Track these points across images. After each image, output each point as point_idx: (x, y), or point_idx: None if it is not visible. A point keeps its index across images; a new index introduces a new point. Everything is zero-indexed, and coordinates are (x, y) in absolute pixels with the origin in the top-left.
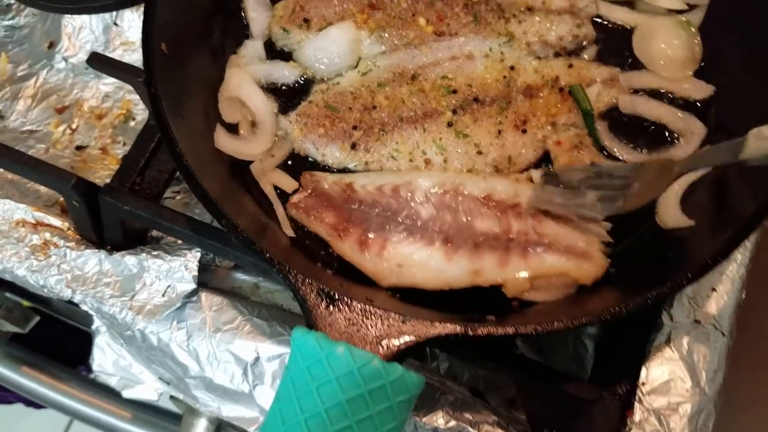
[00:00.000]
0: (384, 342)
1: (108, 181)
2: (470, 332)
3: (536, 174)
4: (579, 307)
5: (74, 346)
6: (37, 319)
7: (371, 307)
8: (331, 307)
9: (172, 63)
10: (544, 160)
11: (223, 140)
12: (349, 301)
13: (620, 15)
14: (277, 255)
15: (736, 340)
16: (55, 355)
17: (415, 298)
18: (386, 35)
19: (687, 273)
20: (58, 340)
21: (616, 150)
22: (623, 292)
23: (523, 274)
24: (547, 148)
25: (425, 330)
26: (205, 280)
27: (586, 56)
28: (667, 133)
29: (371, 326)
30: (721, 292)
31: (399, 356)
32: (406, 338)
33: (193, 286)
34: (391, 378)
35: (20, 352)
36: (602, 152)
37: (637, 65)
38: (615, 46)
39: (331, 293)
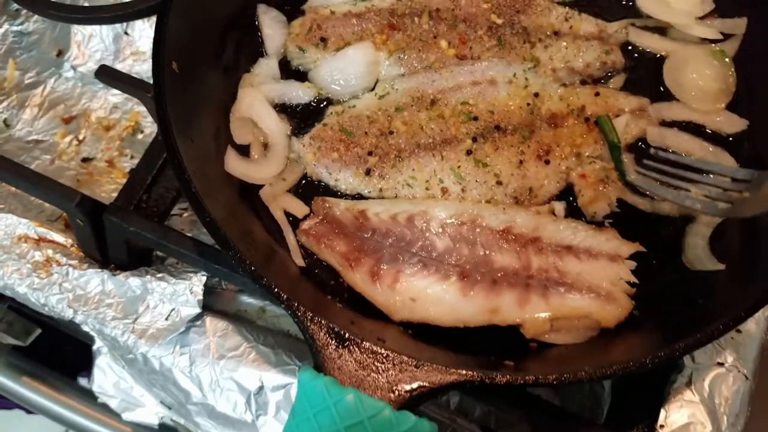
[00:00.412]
0: (396, 388)
1: (114, 195)
2: (488, 380)
3: (558, 206)
4: (602, 352)
5: (75, 354)
6: (38, 331)
7: (383, 350)
8: (341, 348)
9: (184, 81)
10: (566, 193)
11: (234, 164)
12: (359, 341)
13: (651, 42)
14: (285, 287)
15: (759, 383)
16: (56, 364)
17: (428, 335)
18: (406, 57)
19: (719, 325)
20: (59, 347)
21: (642, 185)
22: (648, 337)
23: (544, 314)
24: (571, 180)
25: (440, 376)
26: (210, 302)
27: (613, 84)
28: None
29: (383, 370)
30: (744, 333)
31: (411, 403)
32: (420, 384)
33: (198, 310)
34: (402, 428)
35: (21, 362)
36: (628, 186)
37: (667, 95)
38: (644, 75)
39: (341, 333)
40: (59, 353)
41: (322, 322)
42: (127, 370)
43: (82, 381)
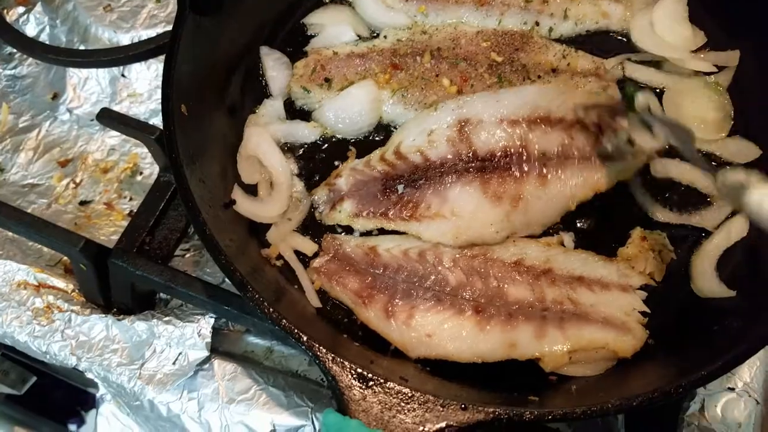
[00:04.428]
0: (423, 429)
1: (114, 238)
2: (516, 417)
3: (567, 238)
4: (622, 383)
5: (67, 400)
6: (33, 379)
7: (408, 389)
8: (365, 389)
9: (192, 124)
10: (573, 223)
11: (241, 202)
12: (383, 381)
13: (648, 76)
14: (303, 328)
15: None
16: (47, 411)
17: (446, 372)
18: (408, 95)
19: (738, 352)
20: (50, 394)
21: (648, 208)
22: (666, 366)
23: (562, 346)
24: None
25: (467, 415)
26: (217, 344)
27: None
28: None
29: (408, 411)
30: (753, 358)
31: None
32: (447, 424)
33: (206, 353)
34: None
35: (13, 411)
36: None
37: None
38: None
39: (364, 373)
40: (51, 400)
41: (345, 363)
42: (132, 418)
43: (72, 427)
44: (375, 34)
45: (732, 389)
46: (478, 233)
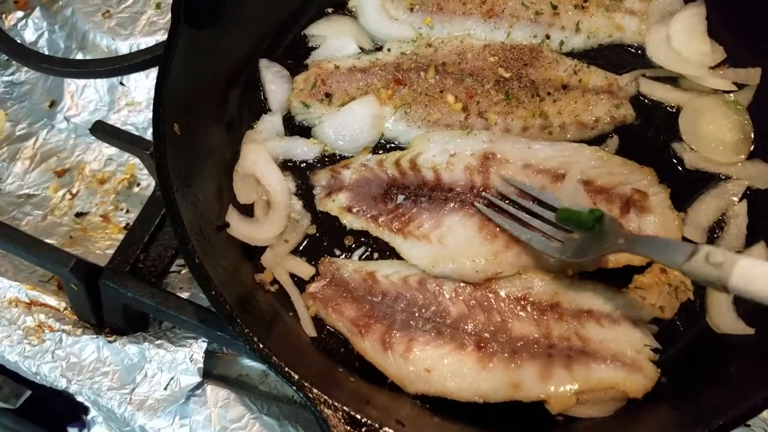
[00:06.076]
0: None
1: (109, 252)
2: None
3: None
4: (632, 425)
5: (65, 408)
6: (28, 393)
7: None
8: None
9: (186, 142)
10: None
11: (235, 225)
12: (377, 427)
13: (663, 94)
14: (294, 362)
15: None
16: (45, 420)
17: (444, 408)
18: (412, 112)
19: (758, 400)
20: (48, 402)
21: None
22: (679, 408)
23: (569, 387)
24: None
25: None
26: (210, 367)
27: (607, 148)
28: None
29: None
30: None
31: None
32: None
33: (198, 379)
34: None
35: (9, 421)
36: None
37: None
38: (658, 128)
39: (357, 417)
40: (48, 411)
41: (336, 405)
42: None
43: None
44: (378, 47)
45: (747, 425)
46: (456, 267)
